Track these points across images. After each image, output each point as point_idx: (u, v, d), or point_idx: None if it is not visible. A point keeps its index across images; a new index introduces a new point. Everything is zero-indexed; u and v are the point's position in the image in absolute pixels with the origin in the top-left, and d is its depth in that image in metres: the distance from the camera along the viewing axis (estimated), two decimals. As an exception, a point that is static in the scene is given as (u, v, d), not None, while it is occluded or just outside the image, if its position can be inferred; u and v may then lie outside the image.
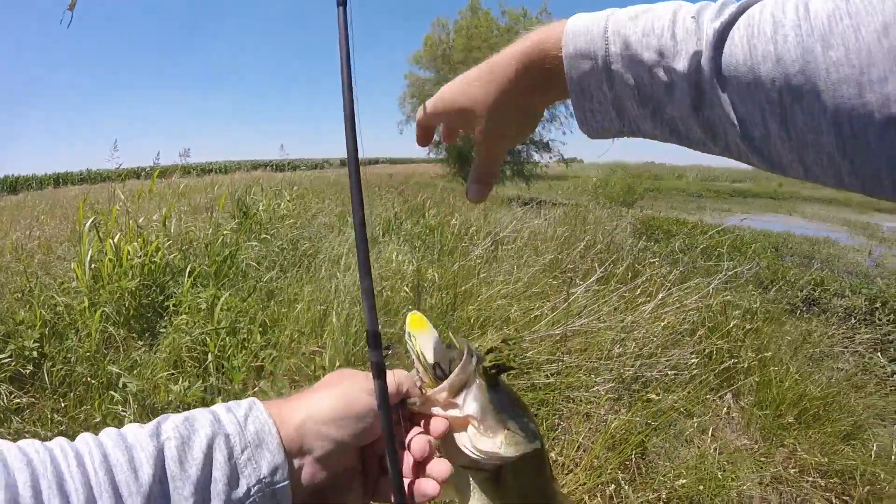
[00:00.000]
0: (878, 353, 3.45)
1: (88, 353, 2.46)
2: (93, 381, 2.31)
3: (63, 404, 2.21)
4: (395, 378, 0.53)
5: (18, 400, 2.20)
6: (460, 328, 3.17)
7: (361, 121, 0.50)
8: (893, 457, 2.55)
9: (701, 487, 2.20)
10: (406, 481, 0.51)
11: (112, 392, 2.25)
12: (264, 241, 4.49)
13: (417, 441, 0.51)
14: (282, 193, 6.39)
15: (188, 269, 3.26)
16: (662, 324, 3.29)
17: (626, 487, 2.14)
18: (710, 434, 2.60)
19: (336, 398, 0.51)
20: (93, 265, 3.14)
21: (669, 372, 2.84)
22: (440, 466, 0.51)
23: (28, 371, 2.36)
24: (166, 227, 4.00)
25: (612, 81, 0.45)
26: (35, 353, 2.43)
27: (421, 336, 0.57)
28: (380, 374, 0.49)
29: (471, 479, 0.52)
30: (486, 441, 0.49)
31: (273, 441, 0.47)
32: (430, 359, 0.54)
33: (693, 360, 2.90)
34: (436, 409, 0.52)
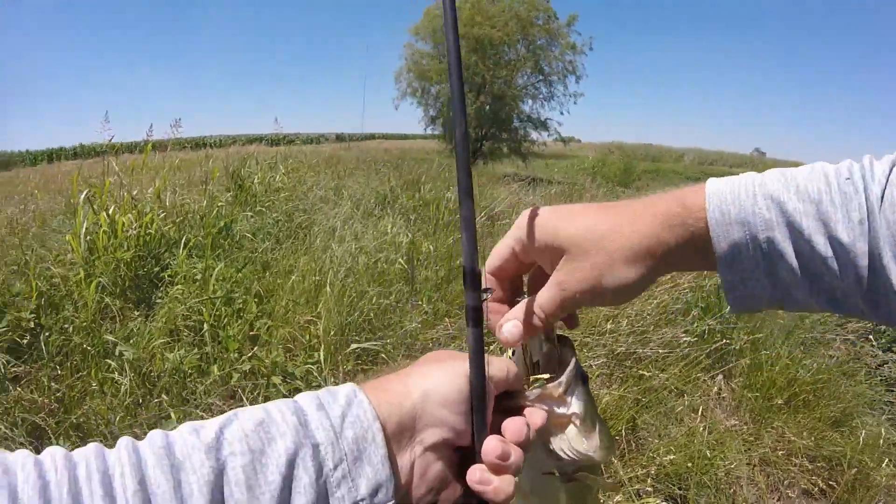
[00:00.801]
0: (872, 339, 3.43)
1: (85, 324, 2.48)
2: (89, 350, 2.33)
3: (60, 373, 2.23)
4: (505, 364, 0.47)
5: (16, 369, 2.21)
6: (454, 301, 3.18)
7: (354, 97, 0.34)
8: (882, 443, 2.54)
9: (689, 465, 2.20)
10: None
11: (108, 360, 2.28)
12: (259, 213, 4.48)
13: (515, 422, 0.44)
14: (277, 167, 6.33)
15: (183, 241, 3.27)
16: (656, 301, 3.27)
17: (616, 462, 2.14)
18: (700, 413, 2.58)
19: (454, 376, 0.42)
20: (88, 237, 3.14)
21: (661, 350, 2.82)
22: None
23: (25, 341, 2.37)
24: (161, 199, 3.98)
25: (767, 250, 0.41)
26: (32, 324, 2.44)
27: None
28: (476, 321, 0.43)
29: (549, 484, 0.50)
30: (584, 442, 0.48)
31: (377, 452, 0.37)
32: (535, 357, 0.54)
33: (685, 339, 2.87)
34: (545, 404, 0.49)
